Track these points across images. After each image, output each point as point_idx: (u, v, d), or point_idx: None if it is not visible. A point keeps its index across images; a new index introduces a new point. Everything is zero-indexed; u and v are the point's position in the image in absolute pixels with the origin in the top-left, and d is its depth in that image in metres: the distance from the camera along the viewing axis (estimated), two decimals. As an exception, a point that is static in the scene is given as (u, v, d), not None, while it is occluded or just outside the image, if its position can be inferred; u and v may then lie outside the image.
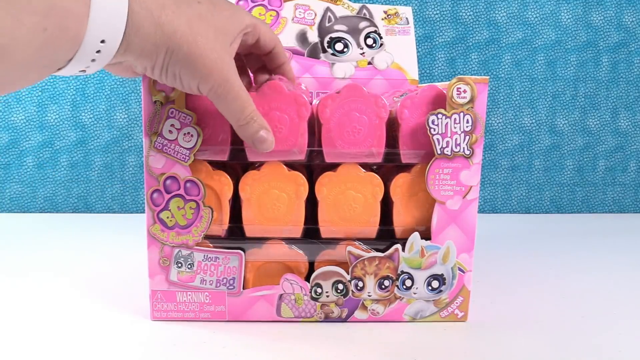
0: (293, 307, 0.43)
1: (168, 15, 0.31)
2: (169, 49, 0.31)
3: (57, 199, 0.85)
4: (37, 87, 0.82)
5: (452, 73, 0.87)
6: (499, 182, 0.91)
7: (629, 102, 0.90)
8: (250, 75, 0.43)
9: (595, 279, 0.56)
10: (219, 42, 0.33)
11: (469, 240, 0.42)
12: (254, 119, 0.36)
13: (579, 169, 0.91)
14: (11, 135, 0.83)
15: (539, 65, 0.88)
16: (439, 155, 0.40)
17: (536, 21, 0.87)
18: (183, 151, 0.40)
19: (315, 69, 0.54)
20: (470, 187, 0.41)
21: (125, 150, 0.85)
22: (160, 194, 0.40)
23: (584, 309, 0.47)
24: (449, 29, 0.86)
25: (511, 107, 0.89)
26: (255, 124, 0.36)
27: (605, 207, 0.92)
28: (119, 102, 0.84)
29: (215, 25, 0.33)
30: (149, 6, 0.30)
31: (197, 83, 0.33)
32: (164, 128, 0.39)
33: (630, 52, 0.89)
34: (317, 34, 0.55)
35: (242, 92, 0.35)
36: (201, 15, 0.32)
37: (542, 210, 0.92)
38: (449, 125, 0.40)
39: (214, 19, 0.33)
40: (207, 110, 0.40)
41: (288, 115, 0.40)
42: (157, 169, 0.40)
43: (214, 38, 0.33)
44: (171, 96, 0.39)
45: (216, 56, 0.33)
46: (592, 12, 0.87)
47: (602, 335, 0.41)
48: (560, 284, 0.54)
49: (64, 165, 0.85)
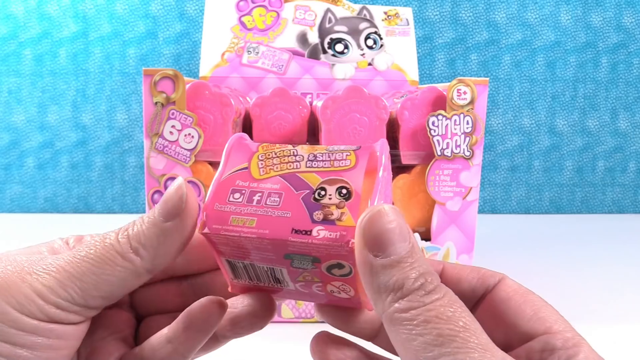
0: (293, 308, 0.43)
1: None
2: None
3: (57, 200, 0.86)
4: (37, 88, 0.83)
5: (452, 74, 0.87)
6: (499, 183, 0.91)
7: (628, 103, 0.90)
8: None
9: (595, 279, 0.56)
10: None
11: (469, 241, 0.42)
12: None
13: (579, 170, 0.91)
14: (12, 136, 0.84)
15: (539, 66, 0.88)
16: (439, 157, 0.41)
17: (536, 22, 0.87)
18: (184, 152, 0.40)
19: (315, 69, 0.54)
20: (470, 188, 0.41)
21: (126, 151, 0.85)
22: (161, 194, 0.40)
23: (583, 309, 0.47)
24: (448, 30, 0.86)
25: (511, 108, 0.89)
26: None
27: (604, 208, 0.93)
28: (119, 103, 0.84)
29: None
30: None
31: None
32: (165, 129, 0.39)
33: (630, 53, 0.89)
34: (318, 35, 0.55)
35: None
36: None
37: (542, 211, 0.92)
38: (449, 127, 0.40)
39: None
40: (208, 111, 0.40)
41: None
42: (157, 170, 0.40)
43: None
44: (172, 97, 0.39)
45: None
46: (592, 13, 0.87)
47: (602, 335, 0.42)
48: (559, 284, 0.54)
49: (65, 166, 0.85)
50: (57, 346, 0.20)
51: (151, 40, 0.82)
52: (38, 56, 0.82)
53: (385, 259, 0.17)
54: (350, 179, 0.20)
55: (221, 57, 0.54)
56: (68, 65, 0.82)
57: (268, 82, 0.54)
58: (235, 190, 0.21)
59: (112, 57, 0.83)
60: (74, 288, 0.20)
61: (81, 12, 0.81)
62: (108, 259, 0.20)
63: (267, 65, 0.54)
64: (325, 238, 0.19)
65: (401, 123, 0.41)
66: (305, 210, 0.20)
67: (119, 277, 0.20)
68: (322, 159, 0.21)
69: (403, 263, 0.17)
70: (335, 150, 0.21)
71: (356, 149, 0.21)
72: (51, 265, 0.20)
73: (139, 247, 0.21)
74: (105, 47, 0.82)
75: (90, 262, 0.20)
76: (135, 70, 0.83)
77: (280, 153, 0.22)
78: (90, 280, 0.20)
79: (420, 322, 0.16)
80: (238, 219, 0.20)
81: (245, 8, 0.55)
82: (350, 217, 0.19)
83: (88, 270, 0.20)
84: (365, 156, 0.21)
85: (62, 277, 0.20)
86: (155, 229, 0.21)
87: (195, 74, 0.82)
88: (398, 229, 0.18)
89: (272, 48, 0.54)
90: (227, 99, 0.40)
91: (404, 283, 0.17)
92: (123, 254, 0.20)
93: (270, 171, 0.21)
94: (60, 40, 0.81)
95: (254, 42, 0.54)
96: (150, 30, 0.82)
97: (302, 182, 0.20)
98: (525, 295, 0.20)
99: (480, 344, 0.16)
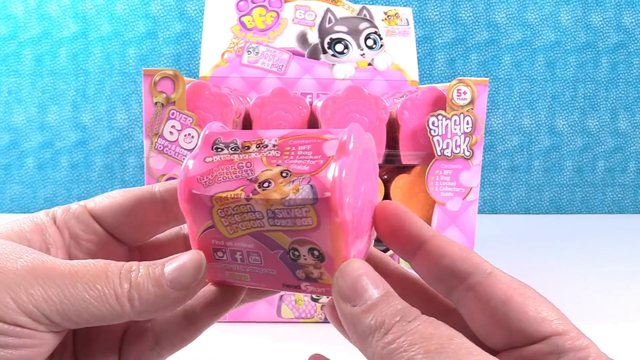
0: (293, 308, 0.43)
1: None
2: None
3: (57, 200, 0.85)
4: (37, 88, 0.83)
5: (451, 74, 0.87)
6: (499, 183, 0.91)
7: (628, 103, 0.90)
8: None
9: (595, 279, 0.56)
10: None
11: (469, 242, 0.42)
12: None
13: (579, 170, 0.91)
14: (12, 136, 0.84)
15: (539, 66, 0.88)
16: (439, 157, 0.41)
17: (535, 22, 0.87)
18: (184, 152, 0.40)
19: (315, 70, 0.54)
20: (470, 188, 0.41)
21: (126, 151, 0.85)
22: (161, 195, 0.40)
23: (583, 310, 0.47)
24: (448, 30, 0.86)
25: (511, 108, 0.89)
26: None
27: (604, 208, 0.93)
28: (119, 103, 0.84)
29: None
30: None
31: None
32: (165, 129, 0.39)
33: (630, 53, 0.89)
34: (318, 35, 0.55)
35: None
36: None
37: (542, 211, 0.92)
38: (449, 127, 0.40)
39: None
40: (208, 111, 0.40)
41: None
42: (157, 170, 0.40)
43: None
44: (172, 97, 0.39)
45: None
46: (592, 13, 0.88)
47: (602, 335, 0.42)
48: (559, 284, 0.54)
49: (65, 166, 0.85)
50: (30, 345, 0.19)
51: (151, 40, 0.82)
52: (38, 56, 0.82)
53: (363, 305, 0.18)
54: (317, 240, 0.19)
55: (221, 57, 0.54)
56: (68, 65, 0.82)
57: (268, 82, 0.54)
58: (217, 249, 0.21)
59: (112, 57, 0.83)
60: (57, 308, 0.19)
61: (81, 12, 0.81)
62: (103, 293, 0.19)
63: (267, 65, 0.54)
64: (313, 292, 0.21)
65: (401, 123, 0.41)
66: (287, 269, 0.20)
67: (103, 312, 0.19)
68: (281, 216, 0.19)
69: (380, 304, 0.18)
70: (292, 205, 0.19)
71: (313, 202, 0.18)
72: (44, 275, 0.19)
73: (136, 298, 0.20)
74: (105, 47, 0.82)
75: (84, 287, 0.19)
76: (135, 70, 0.83)
77: (237, 209, 0.20)
78: (76, 306, 0.19)
79: (407, 346, 0.17)
80: (234, 275, 0.21)
81: (245, 8, 0.55)
82: (329, 277, 0.20)
83: (79, 297, 0.19)
84: (325, 210, 0.19)
85: (51, 292, 0.19)
86: (158, 290, 0.20)
87: (195, 74, 0.82)
88: (369, 277, 0.19)
89: (272, 48, 0.54)
90: (227, 99, 0.40)
91: (384, 320, 0.18)
92: (118, 296, 0.19)
93: (237, 230, 0.20)
94: (60, 40, 0.81)
95: (254, 42, 0.54)
96: (150, 30, 0.82)
97: (273, 241, 0.20)
98: (524, 294, 0.20)
99: (472, 347, 0.17)
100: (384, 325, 0.17)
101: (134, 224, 0.23)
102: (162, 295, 0.20)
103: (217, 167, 0.20)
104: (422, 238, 0.22)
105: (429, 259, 0.21)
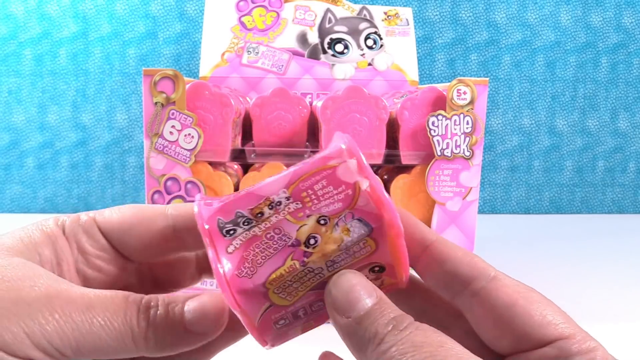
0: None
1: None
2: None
3: (57, 200, 0.86)
4: (37, 88, 0.83)
5: (451, 74, 0.87)
6: (499, 183, 0.91)
7: (628, 103, 0.90)
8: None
9: (595, 279, 0.56)
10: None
11: (469, 242, 0.42)
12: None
13: (579, 170, 0.91)
14: (12, 136, 0.84)
15: (539, 66, 0.88)
16: (439, 157, 0.41)
17: (535, 22, 0.87)
18: (184, 152, 0.40)
19: (315, 70, 0.54)
20: (470, 188, 0.41)
21: (126, 151, 0.85)
22: (161, 195, 0.40)
23: (583, 310, 0.47)
24: (448, 30, 0.86)
25: (510, 108, 0.89)
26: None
27: (604, 208, 0.93)
28: (119, 103, 0.84)
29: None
30: None
31: None
32: (165, 129, 0.39)
33: (630, 53, 0.89)
34: (318, 35, 0.55)
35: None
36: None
37: (542, 211, 0.92)
38: (449, 127, 0.40)
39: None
40: (207, 111, 0.40)
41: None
42: (157, 170, 0.40)
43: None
44: (172, 97, 0.39)
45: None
46: (592, 14, 0.88)
47: (602, 335, 0.42)
48: (559, 285, 0.54)
49: (65, 166, 0.85)
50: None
51: (151, 41, 0.82)
52: (38, 56, 0.82)
53: (356, 316, 0.18)
54: (378, 259, 0.19)
55: (221, 57, 0.54)
56: (68, 65, 0.82)
57: (268, 82, 0.54)
58: (277, 320, 0.20)
59: (112, 57, 0.83)
60: (70, 343, 0.18)
61: (81, 12, 0.81)
62: (119, 332, 0.19)
63: (267, 65, 0.54)
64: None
65: (401, 123, 0.41)
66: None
67: (116, 350, 0.19)
68: (341, 258, 0.19)
69: (373, 313, 0.18)
70: (349, 245, 0.19)
71: (369, 233, 0.19)
72: (60, 309, 0.18)
73: (152, 338, 0.19)
74: (105, 47, 0.82)
75: (100, 324, 0.18)
76: (135, 71, 0.83)
77: (295, 278, 0.19)
78: (91, 343, 0.18)
79: (399, 356, 0.17)
80: (296, 330, 0.21)
81: (245, 8, 0.55)
82: (390, 279, 0.20)
83: (95, 335, 0.18)
84: (382, 232, 0.19)
85: (66, 328, 0.18)
86: (176, 333, 0.19)
87: (195, 74, 0.82)
88: (361, 288, 0.19)
89: (272, 48, 0.54)
90: (227, 99, 0.40)
91: (377, 330, 0.18)
92: (134, 336, 0.19)
93: (297, 294, 0.19)
94: (60, 41, 0.81)
95: (254, 42, 0.54)
96: (150, 30, 0.82)
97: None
98: (528, 297, 0.20)
99: (462, 352, 0.17)
100: (377, 334, 0.18)
101: (141, 247, 0.22)
102: (179, 338, 0.20)
103: (247, 252, 0.19)
104: (425, 242, 0.21)
105: (432, 264, 0.21)
